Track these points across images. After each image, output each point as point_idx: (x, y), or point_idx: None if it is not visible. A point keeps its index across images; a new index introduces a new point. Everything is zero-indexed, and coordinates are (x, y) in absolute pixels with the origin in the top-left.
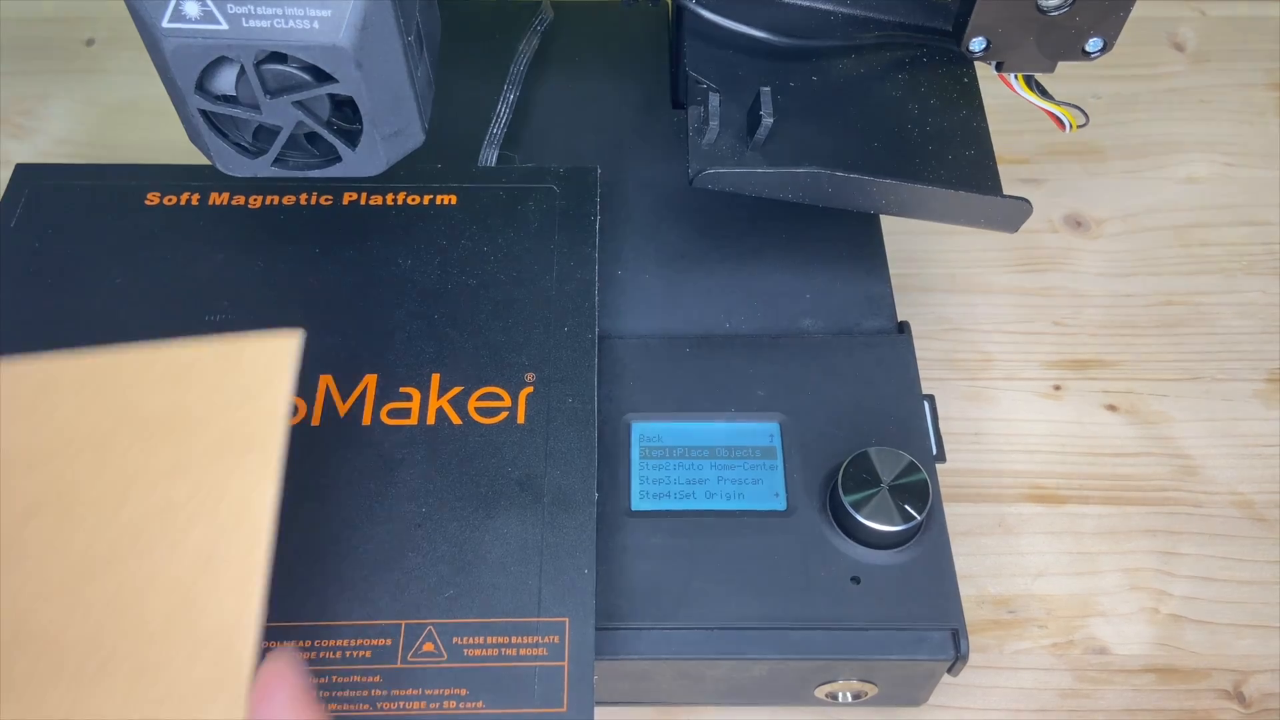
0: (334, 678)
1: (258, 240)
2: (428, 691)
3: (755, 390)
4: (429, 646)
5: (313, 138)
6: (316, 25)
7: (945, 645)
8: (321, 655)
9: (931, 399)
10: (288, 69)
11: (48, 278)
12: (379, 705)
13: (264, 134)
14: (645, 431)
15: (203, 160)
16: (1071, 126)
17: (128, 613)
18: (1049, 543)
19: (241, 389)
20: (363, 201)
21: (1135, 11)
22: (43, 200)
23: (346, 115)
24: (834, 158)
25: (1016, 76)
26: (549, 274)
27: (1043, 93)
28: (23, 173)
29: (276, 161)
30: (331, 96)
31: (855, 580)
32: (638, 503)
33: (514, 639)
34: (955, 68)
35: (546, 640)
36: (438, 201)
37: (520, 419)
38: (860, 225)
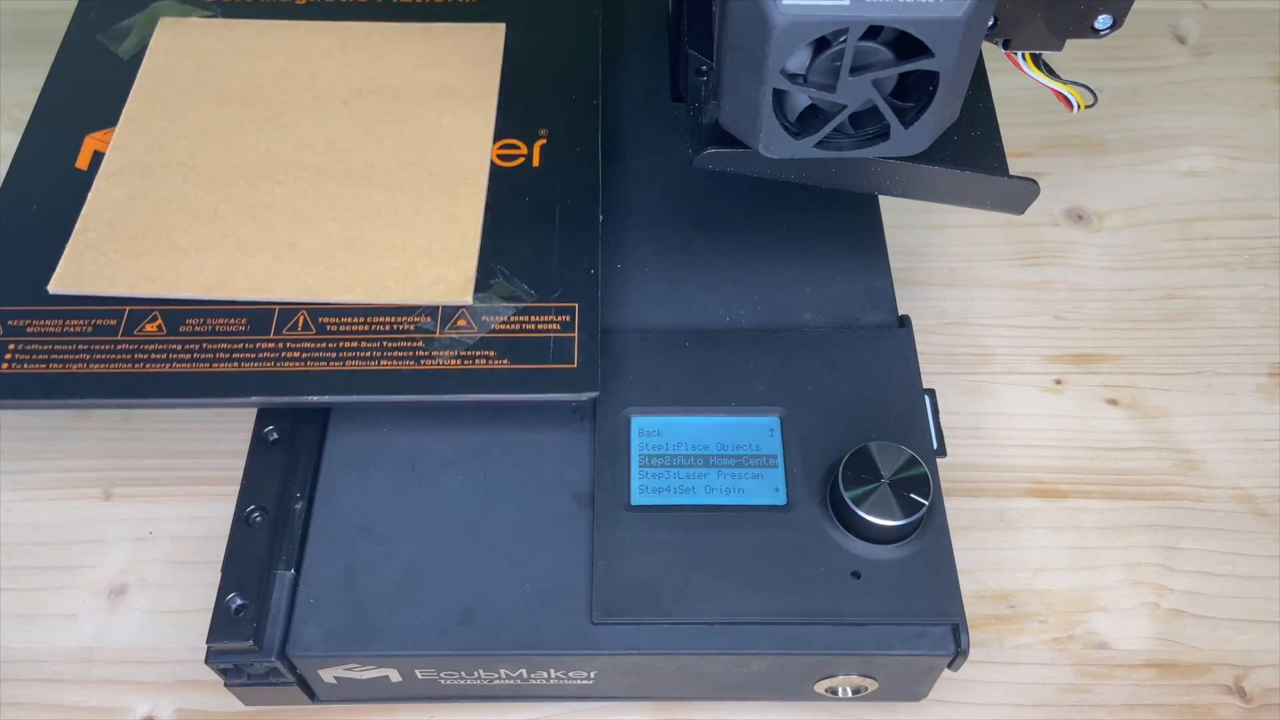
0: (384, 343)
1: None
2: (463, 353)
3: (755, 385)
4: (462, 322)
5: (853, 118)
6: None
7: (946, 640)
8: (373, 326)
9: (932, 393)
10: (875, 45)
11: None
12: (422, 361)
13: (807, 116)
14: (645, 426)
15: None
16: (1080, 106)
17: (412, 145)
18: (1050, 537)
19: (473, 39)
20: None
21: (1137, 4)
22: None
23: (897, 93)
24: None
25: (1024, 55)
26: (557, 49)
27: (1050, 72)
28: None
29: (819, 143)
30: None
31: (855, 575)
32: (637, 497)
33: (533, 318)
34: None
35: (560, 319)
36: None
37: (535, 163)
38: (861, 218)
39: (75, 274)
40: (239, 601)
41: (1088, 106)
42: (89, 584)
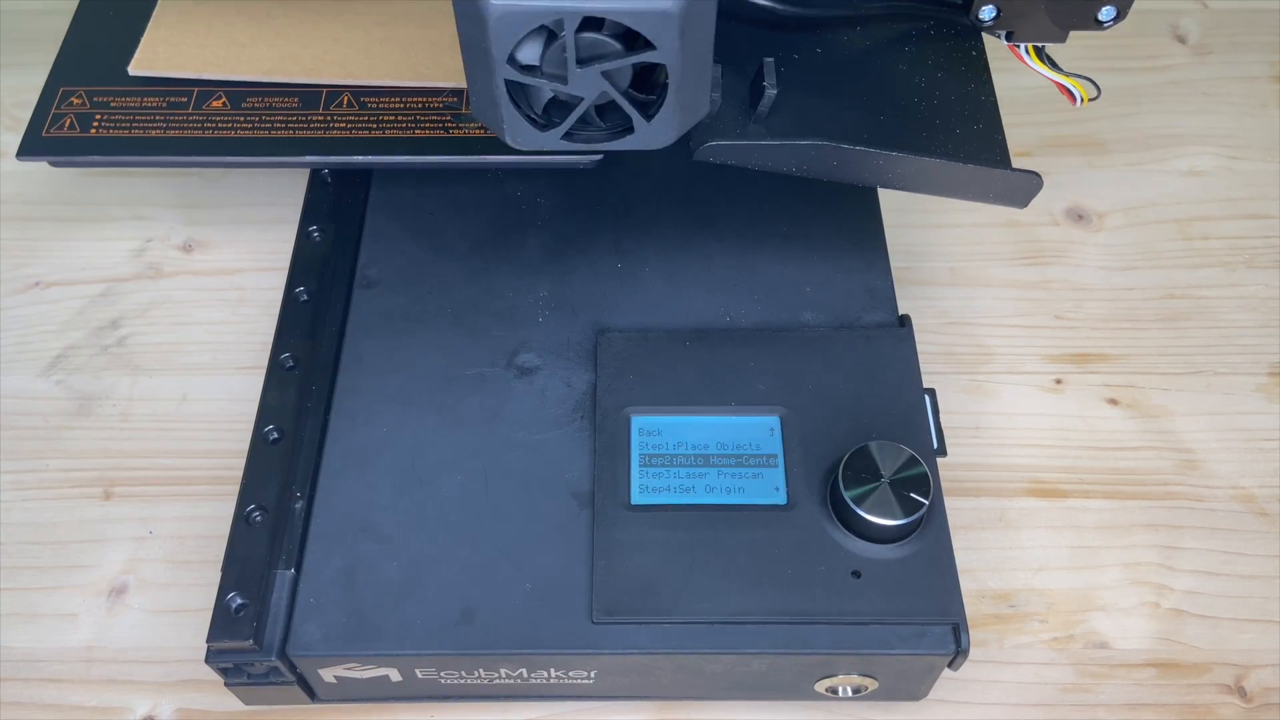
0: (417, 116)
1: None
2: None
3: (756, 384)
4: None
5: (601, 111)
6: None
7: (946, 640)
8: (408, 104)
9: (932, 393)
10: (602, 37)
11: None
12: (450, 131)
13: (553, 107)
14: (645, 425)
15: None
16: (1083, 99)
17: None
18: (1050, 537)
19: None
20: None
21: (1137, 4)
22: None
23: (638, 87)
24: (838, 130)
25: (1027, 48)
26: None
27: (1053, 65)
28: None
29: (566, 135)
30: (633, 67)
31: (856, 574)
32: (638, 497)
33: None
34: (963, 40)
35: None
36: None
37: None
38: (861, 217)
39: (151, 59)
40: (239, 601)
41: (1091, 99)
42: (89, 584)
